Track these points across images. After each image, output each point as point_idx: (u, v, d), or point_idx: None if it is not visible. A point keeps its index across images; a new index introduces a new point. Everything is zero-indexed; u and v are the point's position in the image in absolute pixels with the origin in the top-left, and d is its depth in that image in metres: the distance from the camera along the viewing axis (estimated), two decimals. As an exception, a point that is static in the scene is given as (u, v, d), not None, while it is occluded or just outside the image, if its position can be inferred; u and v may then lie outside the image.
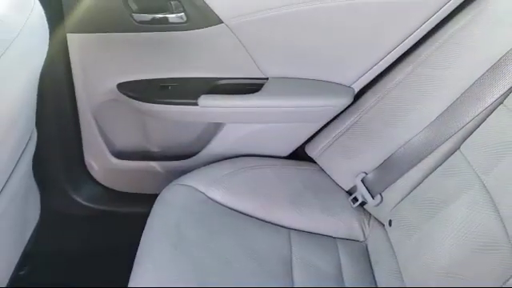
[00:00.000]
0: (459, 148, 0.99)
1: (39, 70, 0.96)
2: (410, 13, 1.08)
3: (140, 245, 1.08)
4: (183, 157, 1.36)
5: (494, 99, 0.94)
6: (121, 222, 1.41)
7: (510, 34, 0.93)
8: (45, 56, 0.94)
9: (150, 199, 1.18)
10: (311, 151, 1.32)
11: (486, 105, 0.95)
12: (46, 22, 0.91)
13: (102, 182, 1.43)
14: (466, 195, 0.92)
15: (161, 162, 1.37)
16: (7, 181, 1.00)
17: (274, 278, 1.04)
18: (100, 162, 1.38)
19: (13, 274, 1.17)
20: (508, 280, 0.73)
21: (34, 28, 0.86)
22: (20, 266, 1.20)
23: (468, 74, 0.99)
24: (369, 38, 1.15)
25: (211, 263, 1.02)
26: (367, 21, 1.11)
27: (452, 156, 1.00)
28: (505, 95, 0.92)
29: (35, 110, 1.08)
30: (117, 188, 1.45)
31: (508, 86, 0.92)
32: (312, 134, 1.31)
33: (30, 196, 1.24)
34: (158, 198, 1.18)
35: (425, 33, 1.12)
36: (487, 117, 0.95)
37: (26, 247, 1.24)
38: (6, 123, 0.85)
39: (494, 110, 0.94)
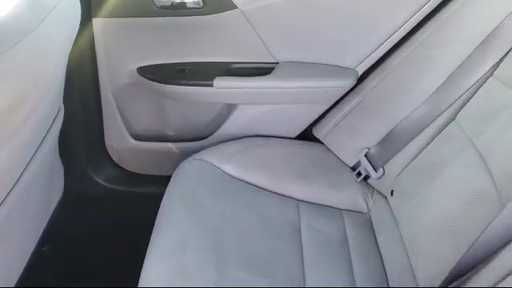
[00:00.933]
0: (455, 118, 1.08)
1: (70, 47, 1.05)
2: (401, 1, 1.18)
3: (159, 211, 1.16)
4: (198, 138, 1.44)
5: (484, 71, 1.03)
6: (137, 202, 1.49)
7: (496, 14, 1.02)
8: (75, 34, 1.04)
9: (165, 181, 1.25)
10: (318, 133, 1.41)
11: (478, 77, 1.04)
12: (78, 2, 1.01)
13: (120, 164, 1.52)
14: (460, 158, 1.00)
15: (176, 144, 1.45)
16: (34, 155, 1.07)
17: (283, 240, 1.11)
18: (119, 144, 1.47)
19: (36, 248, 1.23)
20: (491, 222, 0.80)
21: (69, 4, 0.96)
22: (43, 241, 1.27)
23: (461, 51, 1.08)
24: (370, 24, 1.25)
25: (225, 226, 1.10)
26: (369, 6, 1.21)
27: (448, 126, 1.08)
28: (494, 67, 1.01)
29: (63, 87, 1.17)
30: (134, 170, 1.53)
31: (496, 60, 1.01)
32: (319, 115, 1.39)
33: (55, 172, 1.32)
34: (176, 170, 1.26)
35: (422, 17, 1.21)
36: (479, 88, 1.04)
37: (48, 223, 1.31)
38: (41, 89, 0.93)
39: (485, 82, 1.03)
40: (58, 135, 1.25)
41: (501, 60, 1.01)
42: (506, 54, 1.00)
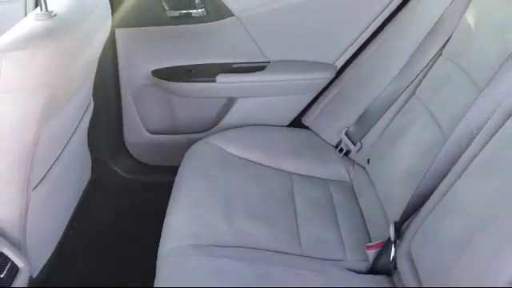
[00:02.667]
0: (415, 93, 1.34)
1: (100, 51, 1.30)
2: (369, 4, 1.47)
3: (175, 183, 1.39)
4: (204, 130, 1.69)
5: (435, 52, 1.29)
6: (150, 190, 1.70)
7: (440, 9, 1.29)
8: (105, 40, 1.28)
9: (175, 171, 1.44)
10: (306, 120, 1.66)
11: (430, 57, 1.30)
12: (110, 10, 1.27)
13: (136, 156, 1.76)
14: (419, 122, 1.25)
15: (185, 135, 1.69)
16: (71, 137, 1.28)
17: (279, 201, 1.34)
18: (136, 137, 1.71)
19: (66, 229, 1.43)
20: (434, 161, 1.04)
21: (102, 12, 1.22)
22: (72, 222, 1.47)
23: (415, 39, 1.35)
24: (344, 27, 1.53)
25: (231, 190, 1.33)
26: (341, 14, 1.49)
27: (410, 100, 1.34)
28: (442, 49, 1.28)
29: (92, 85, 1.41)
30: (148, 161, 1.77)
31: (443, 42, 1.27)
32: (306, 105, 1.65)
33: (84, 159, 1.54)
34: (187, 152, 1.50)
35: (385, 18, 1.49)
36: (432, 66, 1.30)
37: (77, 205, 1.51)
38: (81, 76, 1.17)
39: (436, 61, 1.29)
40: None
41: (446, 42, 1.27)
42: (449, 37, 1.26)
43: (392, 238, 1.10)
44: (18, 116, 0.94)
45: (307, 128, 1.66)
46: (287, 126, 1.69)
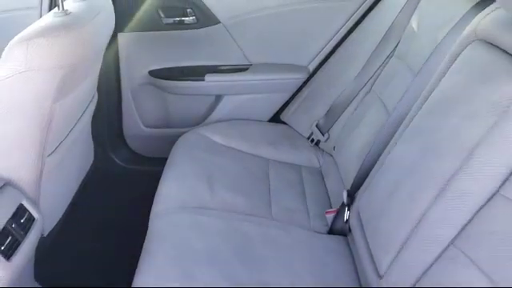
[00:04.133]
0: (371, 90, 1.57)
1: (104, 49, 1.53)
2: (336, 16, 1.72)
3: (166, 164, 1.61)
4: (194, 124, 1.91)
5: (388, 54, 1.53)
6: (144, 178, 1.90)
7: (391, 16, 1.54)
8: (108, 40, 1.52)
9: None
10: (283, 117, 1.90)
11: (384, 58, 1.54)
12: (113, 13, 1.51)
13: (133, 148, 1.98)
14: (372, 110, 1.49)
15: (177, 129, 1.92)
16: (78, 120, 1.50)
17: (256, 179, 1.56)
18: (133, 131, 1.94)
19: (61, 221, 1.54)
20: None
21: (109, 12, 1.46)
22: (70, 214, 1.64)
23: (372, 42, 1.59)
24: (316, 34, 1.78)
25: (214, 169, 1.55)
26: (313, 23, 1.74)
27: (367, 95, 1.58)
28: (393, 50, 1.52)
29: (97, 78, 1.64)
30: (143, 153, 1.99)
31: (394, 44, 1.52)
32: (283, 103, 1.88)
33: (88, 145, 1.76)
34: (178, 140, 1.72)
35: (349, 28, 1.74)
36: (385, 66, 1.54)
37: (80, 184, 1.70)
38: (90, 62, 1.40)
39: (389, 61, 1.53)
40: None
41: (397, 45, 1.52)
42: (399, 41, 1.51)
43: (345, 203, 1.32)
44: (38, 91, 1.16)
45: (284, 123, 1.89)
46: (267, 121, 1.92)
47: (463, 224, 0.90)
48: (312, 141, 1.77)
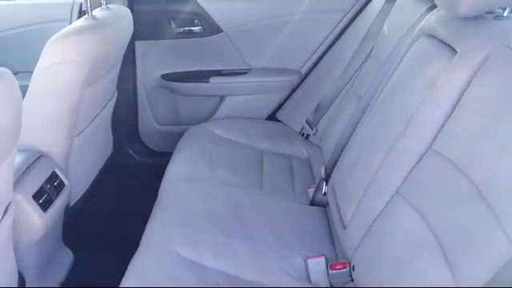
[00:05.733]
0: (352, 87, 1.83)
1: (126, 44, 1.80)
2: (324, 25, 1.99)
3: (175, 150, 1.87)
4: (199, 122, 2.17)
5: (365, 56, 1.79)
6: (155, 171, 2.16)
7: (368, 22, 1.81)
8: (129, 37, 1.80)
9: None
10: (279, 116, 2.16)
11: (362, 59, 1.80)
12: (132, 20, 1.79)
13: (146, 143, 2.25)
14: (350, 103, 1.74)
15: (185, 126, 2.17)
16: (100, 110, 1.77)
17: (251, 164, 1.81)
18: (147, 128, 2.21)
19: (84, 197, 1.80)
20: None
21: (128, 19, 1.75)
22: (91, 193, 1.90)
23: (352, 46, 1.85)
24: (307, 41, 2.05)
25: (215, 154, 1.80)
26: (305, 32, 2.01)
27: (349, 91, 1.83)
28: (370, 52, 1.78)
29: (117, 78, 1.92)
30: (155, 148, 2.26)
31: (371, 47, 1.78)
32: (279, 104, 2.15)
33: (108, 136, 2.02)
34: (185, 133, 1.98)
35: (334, 37, 2.01)
36: (363, 66, 1.80)
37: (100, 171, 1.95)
38: (111, 60, 1.68)
39: (366, 61, 1.79)
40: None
41: (372, 48, 1.78)
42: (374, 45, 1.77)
43: (323, 177, 1.56)
44: (71, 79, 1.43)
45: (280, 121, 2.15)
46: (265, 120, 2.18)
47: (405, 176, 1.13)
48: (303, 135, 2.02)
